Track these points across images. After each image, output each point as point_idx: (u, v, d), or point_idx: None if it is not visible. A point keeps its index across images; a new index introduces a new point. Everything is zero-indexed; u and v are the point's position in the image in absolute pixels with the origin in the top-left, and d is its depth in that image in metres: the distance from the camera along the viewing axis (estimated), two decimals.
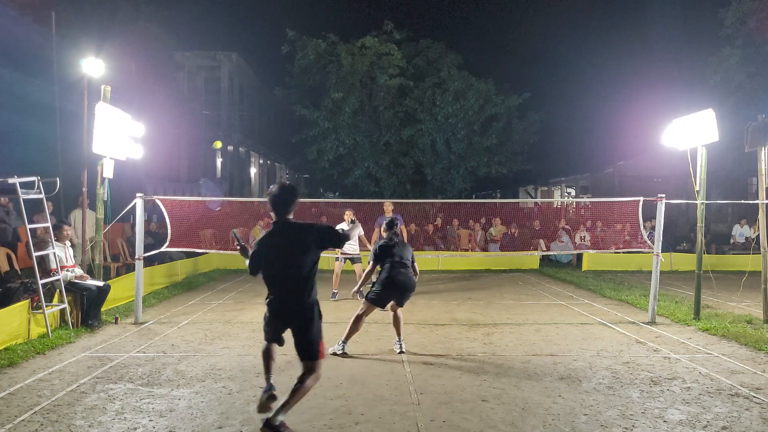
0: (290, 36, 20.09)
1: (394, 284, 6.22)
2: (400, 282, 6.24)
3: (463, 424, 4.22)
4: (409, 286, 6.33)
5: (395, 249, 6.38)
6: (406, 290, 6.32)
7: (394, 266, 6.25)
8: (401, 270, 6.27)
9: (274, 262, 4.05)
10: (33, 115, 13.48)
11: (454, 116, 19.94)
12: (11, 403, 4.58)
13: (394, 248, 6.39)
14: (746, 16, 18.85)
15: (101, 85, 8.05)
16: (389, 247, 6.39)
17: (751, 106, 17.17)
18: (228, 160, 28.94)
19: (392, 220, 6.59)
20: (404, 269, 6.30)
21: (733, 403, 4.70)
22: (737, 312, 8.69)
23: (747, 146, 7.92)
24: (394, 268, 6.25)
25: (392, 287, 6.22)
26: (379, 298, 6.24)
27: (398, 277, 6.23)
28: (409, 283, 6.33)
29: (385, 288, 6.22)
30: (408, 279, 6.31)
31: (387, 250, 6.37)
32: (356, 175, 20.61)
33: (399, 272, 6.25)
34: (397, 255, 6.33)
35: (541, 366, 5.78)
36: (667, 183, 20.49)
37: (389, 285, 6.21)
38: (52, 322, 6.99)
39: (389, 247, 6.40)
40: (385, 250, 6.37)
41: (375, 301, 6.24)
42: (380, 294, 6.23)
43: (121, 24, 16.88)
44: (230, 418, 4.35)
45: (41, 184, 7.27)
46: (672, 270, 14.20)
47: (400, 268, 6.27)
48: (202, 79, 28.16)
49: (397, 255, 6.33)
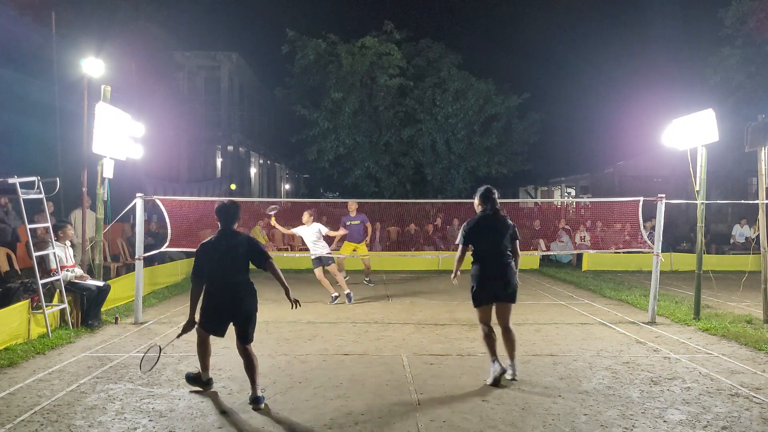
0: (290, 36, 20.10)
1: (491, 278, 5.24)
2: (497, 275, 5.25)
3: (463, 424, 4.22)
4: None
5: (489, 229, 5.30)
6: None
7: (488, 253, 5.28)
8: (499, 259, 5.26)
9: (218, 263, 4.72)
10: (33, 115, 13.48)
11: (454, 116, 19.96)
12: (11, 403, 4.58)
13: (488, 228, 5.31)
14: (746, 16, 18.85)
15: (101, 85, 8.05)
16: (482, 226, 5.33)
17: (751, 106, 17.17)
18: (228, 160, 28.94)
19: (489, 190, 5.48)
20: (502, 257, 5.27)
21: (733, 403, 4.69)
22: (737, 312, 8.68)
23: (747, 146, 7.92)
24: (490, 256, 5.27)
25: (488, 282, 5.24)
26: (478, 295, 5.30)
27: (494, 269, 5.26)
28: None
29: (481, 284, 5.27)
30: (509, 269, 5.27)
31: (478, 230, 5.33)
32: (356, 175, 20.63)
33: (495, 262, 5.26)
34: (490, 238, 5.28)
35: (541, 366, 5.77)
36: (667, 183, 20.48)
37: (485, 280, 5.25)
38: (52, 322, 6.99)
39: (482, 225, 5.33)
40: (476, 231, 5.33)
41: (478, 302, 5.33)
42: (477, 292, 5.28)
43: (121, 24, 16.88)
44: (230, 417, 4.35)
45: (41, 184, 7.27)
46: (672, 270, 14.19)
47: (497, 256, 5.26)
48: (202, 79, 28.17)
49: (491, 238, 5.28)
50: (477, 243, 5.34)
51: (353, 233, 11.20)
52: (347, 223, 11.19)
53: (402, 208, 16.59)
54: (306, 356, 6.11)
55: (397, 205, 16.50)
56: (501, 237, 5.27)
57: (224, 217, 4.83)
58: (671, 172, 20.40)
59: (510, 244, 5.32)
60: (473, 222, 5.41)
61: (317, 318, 8.27)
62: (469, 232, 5.37)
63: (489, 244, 5.28)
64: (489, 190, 5.46)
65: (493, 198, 5.39)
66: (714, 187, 19.92)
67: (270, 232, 15.38)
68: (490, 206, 5.37)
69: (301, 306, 4.93)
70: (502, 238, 5.28)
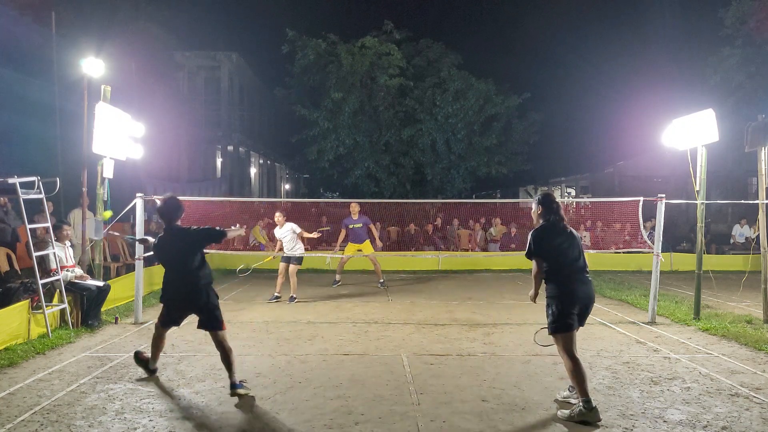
0: (290, 36, 20.10)
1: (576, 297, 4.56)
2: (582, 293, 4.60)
3: (463, 424, 4.22)
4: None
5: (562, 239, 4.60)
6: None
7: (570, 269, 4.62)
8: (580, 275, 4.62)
9: (168, 258, 5.10)
10: (33, 115, 13.47)
11: (454, 116, 19.96)
12: (11, 403, 4.58)
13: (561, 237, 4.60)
14: (746, 16, 18.85)
15: (101, 85, 8.05)
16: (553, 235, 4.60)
17: (751, 106, 17.16)
18: (228, 160, 28.94)
19: (550, 196, 4.84)
20: (581, 273, 4.64)
21: (733, 403, 4.69)
22: (737, 312, 8.68)
23: (747, 146, 7.92)
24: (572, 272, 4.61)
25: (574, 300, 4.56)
26: (562, 319, 4.58)
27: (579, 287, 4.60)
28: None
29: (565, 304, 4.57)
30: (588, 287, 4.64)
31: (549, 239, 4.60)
32: (356, 175, 20.63)
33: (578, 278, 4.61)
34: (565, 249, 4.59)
35: (541, 366, 5.77)
36: (667, 183, 20.49)
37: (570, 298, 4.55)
38: (52, 322, 6.99)
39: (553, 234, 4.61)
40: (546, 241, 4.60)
41: (562, 328, 4.59)
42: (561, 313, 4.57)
43: (121, 24, 16.87)
44: (230, 418, 4.35)
45: (41, 184, 7.27)
46: (672, 270, 14.19)
47: (577, 272, 4.61)
48: (202, 79, 28.16)
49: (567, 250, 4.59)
50: (552, 256, 4.59)
51: (356, 235, 11.07)
52: (349, 225, 11.08)
53: (402, 208, 16.60)
54: (306, 356, 6.11)
55: (397, 205, 16.50)
56: (577, 248, 4.64)
57: (166, 215, 5.11)
58: (671, 172, 20.41)
59: (583, 255, 4.70)
60: (543, 231, 4.64)
61: (317, 318, 8.27)
62: (542, 242, 4.59)
63: (568, 258, 4.59)
64: (550, 196, 4.81)
65: (557, 205, 4.71)
66: (714, 187, 19.92)
67: (270, 232, 15.37)
68: (555, 214, 4.66)
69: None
70: (579, 250, 4.64)
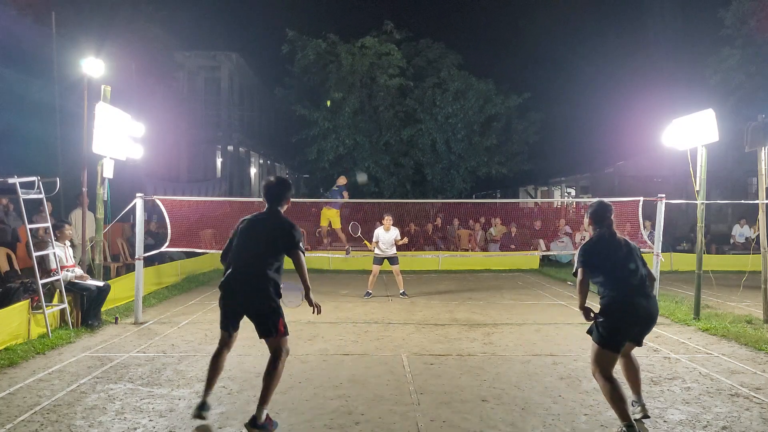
0: (290, 36, 20.10)
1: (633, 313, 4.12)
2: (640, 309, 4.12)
3: (463, 424, 4.22)
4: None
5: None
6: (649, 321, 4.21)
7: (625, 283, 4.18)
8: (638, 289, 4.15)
9: (247, 242, 4.29)
10: (33, 115, 13.47)
11: (454, 116, 19.96)
12: (11, 403, 4.58)
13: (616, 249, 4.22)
14: (746, 16, 18.83)
15: (101, 85, 8.05)
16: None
17: (751, 106, 17.13)
18: (228, 160, 28.92)
19: (604, 206, 4.39)
20: (642, 287, 4.18)
21: (733, 403, 4.69)
22: (737, 312, 8.69)
23: (747, 146, 7.92)
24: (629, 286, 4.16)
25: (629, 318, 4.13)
26: (614, 335, 4.13)
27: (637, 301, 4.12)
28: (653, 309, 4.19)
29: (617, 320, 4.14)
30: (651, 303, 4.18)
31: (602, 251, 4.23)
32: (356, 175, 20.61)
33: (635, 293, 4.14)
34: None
35: (541, 366, 5.77)
36: (667, 183, 20.48)
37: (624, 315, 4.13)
38: (52, 322, 6.99)
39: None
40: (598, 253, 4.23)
41: (611, 344, 4.11)
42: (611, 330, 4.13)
43: (121, 24, 16.85)
44: (230, 418, 4.35)
45: (41, 184, 7.27)
46: (672, 270, 14.19)
47: (634, 285, 4.16)
48: (202, 79, 28.14)
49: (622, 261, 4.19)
50: (607, 270, 4.20)
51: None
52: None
53: (402, 208, 16.58)
54: (306, 356, 6.12)
55: (397, 205, 16.48)
56: (634, 260, 4.21)
57: (268, 195, 4.38)
58: (671, 172, 20.40)
59: (644, 268, 4.26)
60: (593, 245, 4.28)
61: (317, 318, 8.19)
62: (591, 257, 4.21)
63: (624, 270, 4.18)
64: (602, 207, 4.37)
65: (609, 216, 4.32)
66: (714, 187, 19.90)
67: None
68: (606, 227, 4.31)
69: (321, 313, 4.45)
70: (637, 262, 4.22)
